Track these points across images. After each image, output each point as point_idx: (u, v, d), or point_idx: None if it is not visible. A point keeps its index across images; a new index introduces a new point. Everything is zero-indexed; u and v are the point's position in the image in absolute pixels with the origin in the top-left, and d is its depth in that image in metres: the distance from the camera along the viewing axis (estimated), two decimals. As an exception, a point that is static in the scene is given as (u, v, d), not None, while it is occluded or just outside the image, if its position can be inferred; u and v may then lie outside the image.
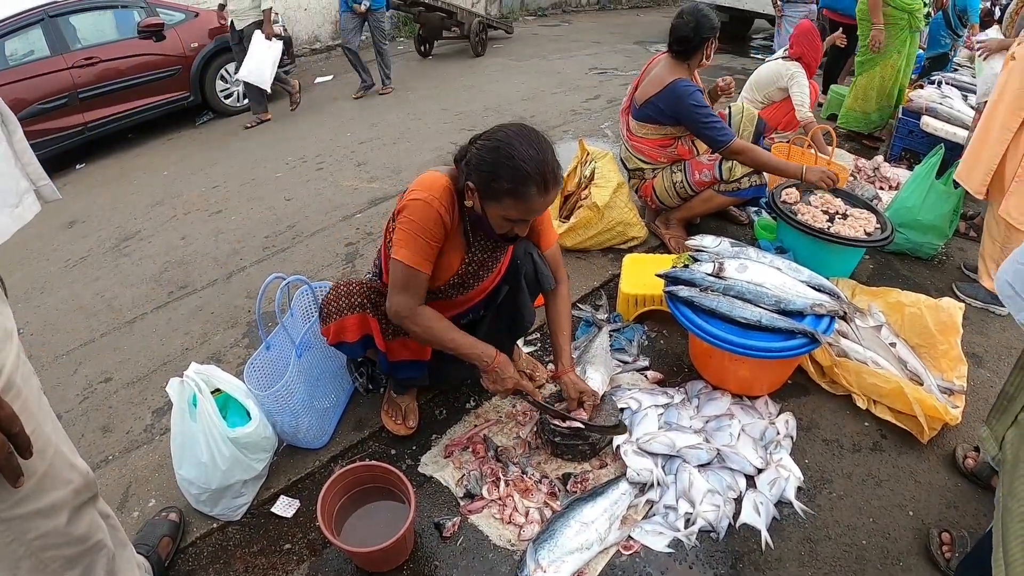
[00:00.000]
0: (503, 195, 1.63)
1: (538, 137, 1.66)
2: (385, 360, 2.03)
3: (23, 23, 5.79)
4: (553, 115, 5.93)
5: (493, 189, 1.64)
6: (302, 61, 9.16)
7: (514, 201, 1.63)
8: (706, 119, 2.88)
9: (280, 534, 1.91)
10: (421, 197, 1.71)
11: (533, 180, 1.60)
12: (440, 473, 2.06)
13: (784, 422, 2.20)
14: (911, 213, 3.24)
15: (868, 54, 4.74)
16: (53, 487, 1.08)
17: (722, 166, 2.99)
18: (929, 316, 2.45)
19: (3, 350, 0.99)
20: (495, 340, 2.13)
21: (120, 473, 2.18)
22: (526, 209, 1.65)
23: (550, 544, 1.74)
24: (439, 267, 1.85)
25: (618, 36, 10.77)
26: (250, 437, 1.87)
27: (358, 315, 1.91)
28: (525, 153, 1.60)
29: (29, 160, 1.14)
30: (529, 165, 1.59)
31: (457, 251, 1.88)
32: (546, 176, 1.62)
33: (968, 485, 2.04)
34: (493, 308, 2.09)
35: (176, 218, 4.51)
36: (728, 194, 3.04)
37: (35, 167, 1.15)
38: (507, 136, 1.64)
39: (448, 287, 1.93)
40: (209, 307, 3.22)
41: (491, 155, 1.63)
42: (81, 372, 2.85)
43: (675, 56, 2.98)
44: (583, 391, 2.06)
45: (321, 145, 5.65)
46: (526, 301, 2.09)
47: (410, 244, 1.73)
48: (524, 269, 2.01)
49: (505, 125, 1.70)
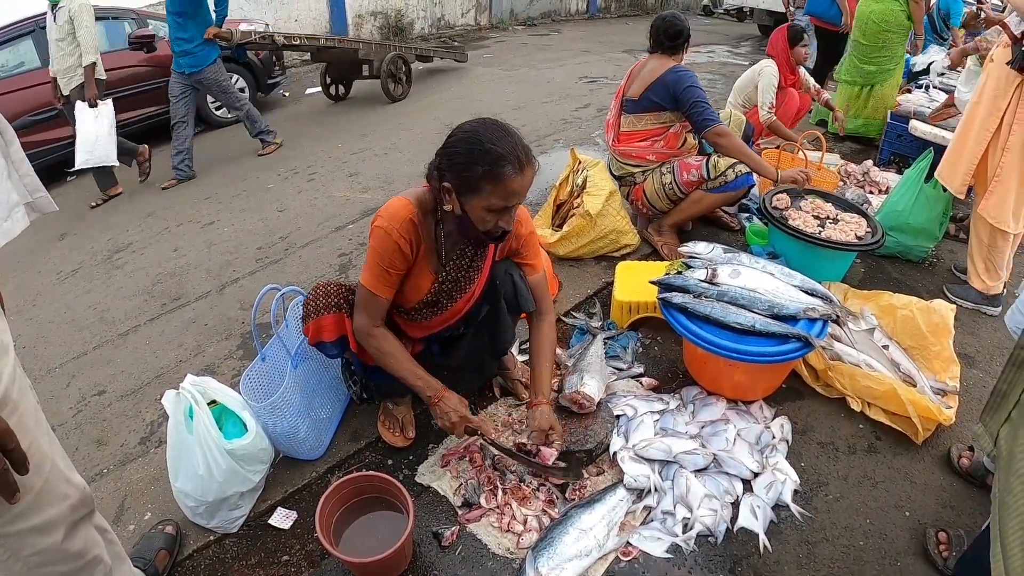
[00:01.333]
0: (481, 182, 1.63)
1: (503, 124, 1.69)
2: (359, 363, 2.04)
3: (13, 34, 5.80)
4: (544, 124, 5.96)
5: (470, 179, 1.64)
6: (293, 72, 9.17)
7: (493, 185, 1.63)
8: (700, 98, 2.99)
9: (277, 546, 1.90)
10: (382, 226, 1.75)
11: (507, 160, 1.61)
12: (438, 482, 2.05)
13: (779, 426, 2.21)
14: (901, 216, 3.27)
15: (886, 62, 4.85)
16: (50, 503, 1.07)
17: (708, 164, 3.03)
18: (921, 318, 2.47)
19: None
20: (476, 359, 2.17)
21: (115, 486, 2.17)
22: (506, 192, 1.64)
23: (549, 551, 1.74)
24: (409, 289, 1.90)
25: (607, 45, 10.85)
26: (247, 449, 1.86)
27: (335, 315, 1.92)
28: (494, 137, 1.63)
29: (26, 172, 1.13)
30: (500, 146, 1.62)
31: (426, 274, 1.90)
32: (519, 155, 1.63)
33: (963, 484, 2.05)
34: (474, 326, 2.09)
35: (168, 230, 4.49)
36: (716, 191, 3.06)
37: (32, 179, 1.15)
38: (472, 127, 1.68)
39: (421, 307, 1.95)
40: (202, 319, 3.21)
41: (462, 147, 1.66)
42: (74, 385, 2.84)
43: (665, 52, 3.13)
44: (552, 427, 2.03)
45: (312, 156, 5.65)
46: (506, 320, 2.09)
47: (371, 269, 1.81)
48: (504, 289, 2.01)
49: (465, 122, 1.72)
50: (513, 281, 2.01)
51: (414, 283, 1.90)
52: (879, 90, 4.97)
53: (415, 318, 1.99)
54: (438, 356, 2.16)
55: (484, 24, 12.92)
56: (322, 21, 9.93)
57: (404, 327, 2.06)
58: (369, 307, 1.85)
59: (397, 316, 2.03)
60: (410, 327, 2.06)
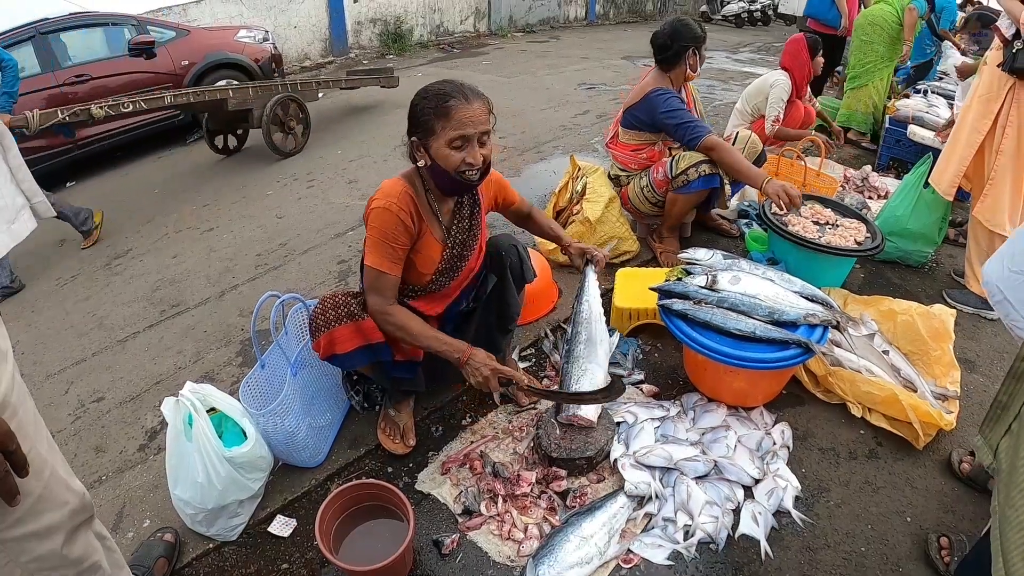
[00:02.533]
0: (433, 121, 1.77)
1: (451, 79, 1.84)
2: (390, 357, 2.02)
3: (14, 40, 5.78)
4: (543, 131, 5.97)
5: (424, 123, 1.79)
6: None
7: (444, 120, 1.75)
8: (680, 122, 2.94)
9: (277, 554, 1.89)
10: (381, 204, 1.84)
11: (451, 95, 1.75)
12: (438, 490, 2.05)
13: (780, 432, 2.21)
14: (900, 222, 3.27)
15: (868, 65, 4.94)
16: (49, 508, 1.07)
17: (672, 162, 3.00)
18: (921, 323, 2.47)
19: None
20: (485, 333, 2.21)
21: (114, 493, 2.16)
22: (458, 122, 1.75)
23: (550, 559, 1.73)
24: (421, 262, 1.95)
25: (606, 52, 10.89)
26: (246, 456, 1.86)
27: (349, 325, 1.91)
28: (439, 84, 1.81)
29: (24, 177, 1.14)
30: (444, 87, 1.78)
31: (435, 242, 1.96)
32: (462, 89, 1.78)
33: (964, 489, 2.05)
34: (483, 301, 2.16)
35: (167, 236, 4.49)
36: (681, 190, 3.00)
37: (30, 184, 1.15)
38: (423, 87, 1.84)
39: (438, 276, 2.00)
40: (202, 325, 3.20)
41: (415, 100, 1.82)
42: (73, 391, 2.83)
43: (658, 65, 3.10)
44: (586, 249, 2.28)
45: (311, 163, 5.65)
46: (512, 292, 2.17)
47: (376, 249, 1.85)
48: (509, 260, 2.10)
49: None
50: (518, 252, 2.13)
51: (426, 255, 1.95)
52: (854, 92, 5.20)
53: (433, 289, 2.02)
54: (452, 335, 2.15)
55: (483, 31, 12.95)
56: (321, 28, 9.95)
57: (422, 307, 2.06)
58: (380, 287, 1.88)
59: (414, 301, 2.04)
60: (429, 304, 2.07)
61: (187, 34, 6.88)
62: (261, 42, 7.42)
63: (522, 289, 2.24)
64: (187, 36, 6.85)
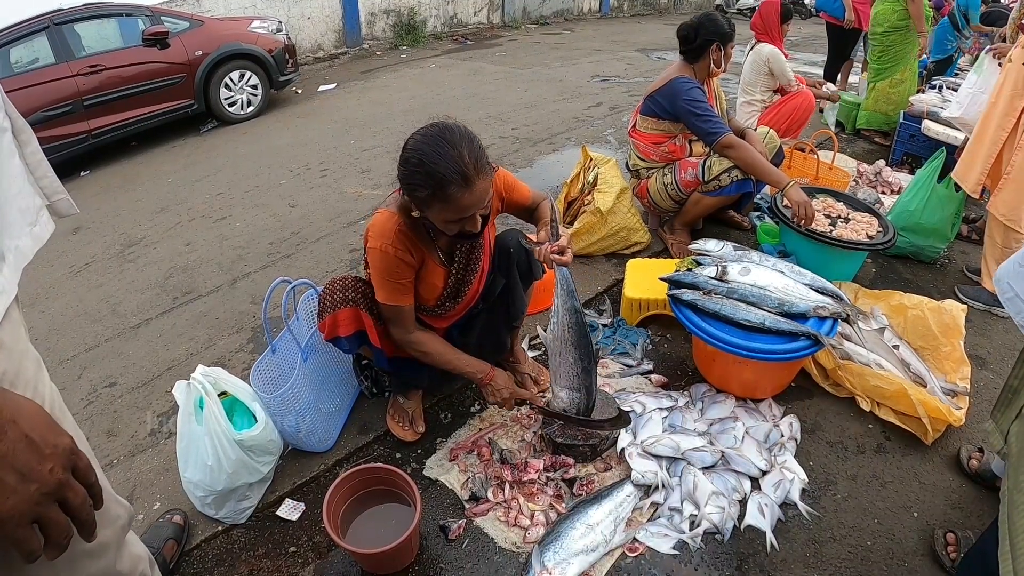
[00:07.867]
0: (430, 202, 1.62)
1: (450, 134, 1.61)
2: (383, 357, 2.04)
3: (28, 31, 5.84)
4: (556, 122, 5.96)
5: (419, 199, 1.63)
6: (306, 69, 9.20)
7: (442, 205, 1.61)
8: (700, 113, 2.92)
9: (285, 537, 1.92)
10: (377, 246, 1.77)
11: (450, 180, 1.56)
12: (445, 476, 2.06)
13: (788, 424, 2.20)
14: (913, 217, 3.25)
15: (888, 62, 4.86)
16: (103, 525, 1.00)
17: (704, 165, 2.99)
18: (932, 318, 2.46)
19: (40, 380, 0.93)
20: (493, 332, 2.19)
21: (125, 476, 2.18)
22: (456, 209, 1.62)
23: (556, 546, 1.74)
24: (424, 290, 1.93)
25: (620, 44, 10.83)
26: (256, 440, 1.87)
27: (351, 309, 1.93)
28: (437, 154, 1.57)
29: (44, 172, 1.03)
30: (441, 166, 1.56)
31: (437, 270, 1.92)
32: (464, 171, 1.56)
33: (972, 486, 2.04)
34: (491, 301, 2.13)
35: (181, 224, 4.52)
36: (712, 194, 3.02)
37: (50, 180, 1.05)
38: (416, 144, 1.62)
39: (443, 301, 1.98)
40: (214, 312, 3.23)
41: (405, 168, 1.63)
42: (86, 377, 2.86)
43: (683, 57, 3.09)
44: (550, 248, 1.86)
45: (325, 152, 5.67)
46: (520, 293, 2.16)
47: (383, 287, 1.84)
48: (517, 258, 2.06)
49: (414, 133, 1.67)
50: (526, 250, 2.06)
51: (428, 283, 1.92)
52: (880, 86, 5.09)
53: (438, 313, 2.01)
54: (457, 337, 2.17)
55: (496, 23, 12.91)
56: (335, 19, 9.95)
57: (429, 321, 2.07)
58: (397, 319, 1.90)
59: (421, 315, 2.02)
60: (435, 321, 2.07)
61: (201, 24, 6.90)
62: (275, 33, 7.42)
63: (530, 286, 2.23)
64: (201, 26, 6.87)
